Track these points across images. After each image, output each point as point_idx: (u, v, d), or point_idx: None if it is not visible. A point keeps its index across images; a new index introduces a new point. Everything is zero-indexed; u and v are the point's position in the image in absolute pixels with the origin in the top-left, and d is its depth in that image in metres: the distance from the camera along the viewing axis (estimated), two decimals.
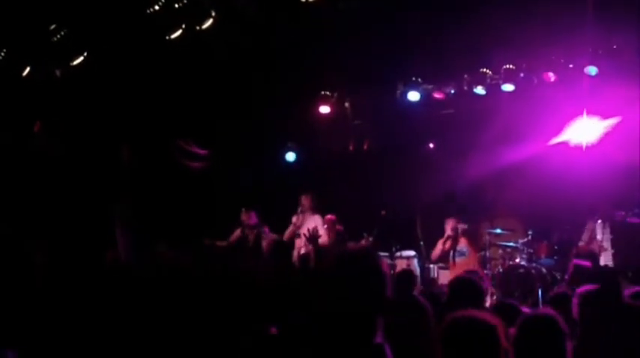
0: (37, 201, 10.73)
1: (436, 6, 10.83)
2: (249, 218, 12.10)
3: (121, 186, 11.24)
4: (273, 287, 5.21)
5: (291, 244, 11.39)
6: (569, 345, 4.23)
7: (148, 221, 11.24)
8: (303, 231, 11.57)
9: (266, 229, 12.15)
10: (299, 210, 12.10)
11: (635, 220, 10.47)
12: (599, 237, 10.54)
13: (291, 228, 12.01)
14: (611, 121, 12.02)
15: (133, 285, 5.54)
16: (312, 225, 11.50)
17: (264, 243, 11.73)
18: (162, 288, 5.30)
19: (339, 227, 12.16)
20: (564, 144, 12.49)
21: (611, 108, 11.91)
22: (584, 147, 12.37)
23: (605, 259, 10.46)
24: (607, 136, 12.07)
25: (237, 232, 12.10)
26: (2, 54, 10.79)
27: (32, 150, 11.04)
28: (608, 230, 10.61)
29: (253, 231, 12.06)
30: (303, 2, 9.89)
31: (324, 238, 11.14)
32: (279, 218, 12.58)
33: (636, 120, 11.48)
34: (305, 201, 12.14)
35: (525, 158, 12.65)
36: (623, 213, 10.69)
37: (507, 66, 12.41)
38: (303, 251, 10.78)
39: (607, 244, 10.61)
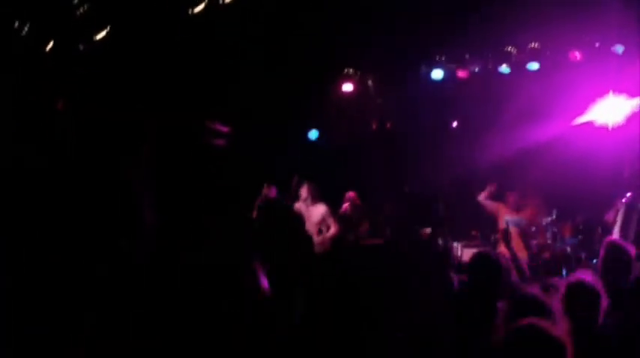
0: (60, 180, 10.75)
1: None
2: (270, 192, 12.02)
3: (144, 163, 11.25)
4: None
5: None
6: None
7: (171, 197, 11.27)
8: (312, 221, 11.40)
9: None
10: (299, 199, 11.78)
11: None
12: (620, 214, 10.35)
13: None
14: (638, 100, 11.87)
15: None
16: (318, 216, 11.32)
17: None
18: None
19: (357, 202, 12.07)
20: (589, 123, 12.36)
21: (638, 87, 11.76)
22: (610, 127, 12.23)
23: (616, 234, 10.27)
24: (633, 116, 11.92)
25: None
26: (26, 29, 10.78)
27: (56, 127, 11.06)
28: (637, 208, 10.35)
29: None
30: None
31: (332, 229, 11.05)
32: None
33: None
34: (303, 192, 11.52)
35: (550, 137, 12.56)
36: None
37: (532, 44, 12.30)
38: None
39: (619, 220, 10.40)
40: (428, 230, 12.66)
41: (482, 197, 11.54)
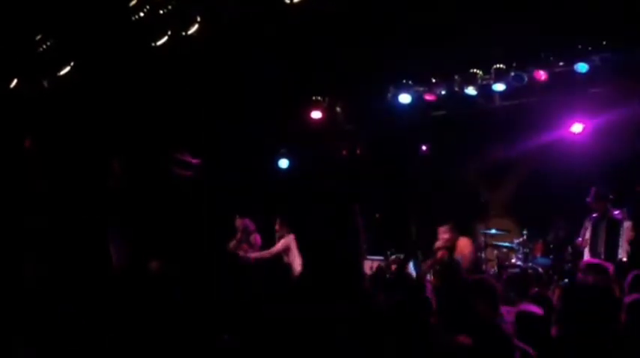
0: (31, 213, 10.67)
1: (425, 7, 10.76)
2: (244, 224, 12.03)
3: (112, 197, 11.18)
4: None
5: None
6: None
7: (141, 230, 11.19)
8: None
9: (257, 237, 12.08)
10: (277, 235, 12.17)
11: (617, 216, 10.36)
12: (587, 233, 10.43)
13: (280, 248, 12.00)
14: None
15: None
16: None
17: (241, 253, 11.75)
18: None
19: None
20: (558, 142, 12.43)
21: (602, 104, 11.84)
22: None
23: (587, 254, 10.35)
24: (600, 132, 12.00)
25: (236, 239, 12.05)
26: None
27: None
28: (603, 225, 10.43)
29: (248, 236, 12.03)
30: (288, 4, 9.77)
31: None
32: (273, 226, 12.50)
33: (627, 115, 11.44)
34: (277, 225, 12.20)
35: (519, 157, 12.64)
36: (618, 211, 10.56)
37: (497, 65, 12.35)
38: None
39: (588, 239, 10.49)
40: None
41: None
